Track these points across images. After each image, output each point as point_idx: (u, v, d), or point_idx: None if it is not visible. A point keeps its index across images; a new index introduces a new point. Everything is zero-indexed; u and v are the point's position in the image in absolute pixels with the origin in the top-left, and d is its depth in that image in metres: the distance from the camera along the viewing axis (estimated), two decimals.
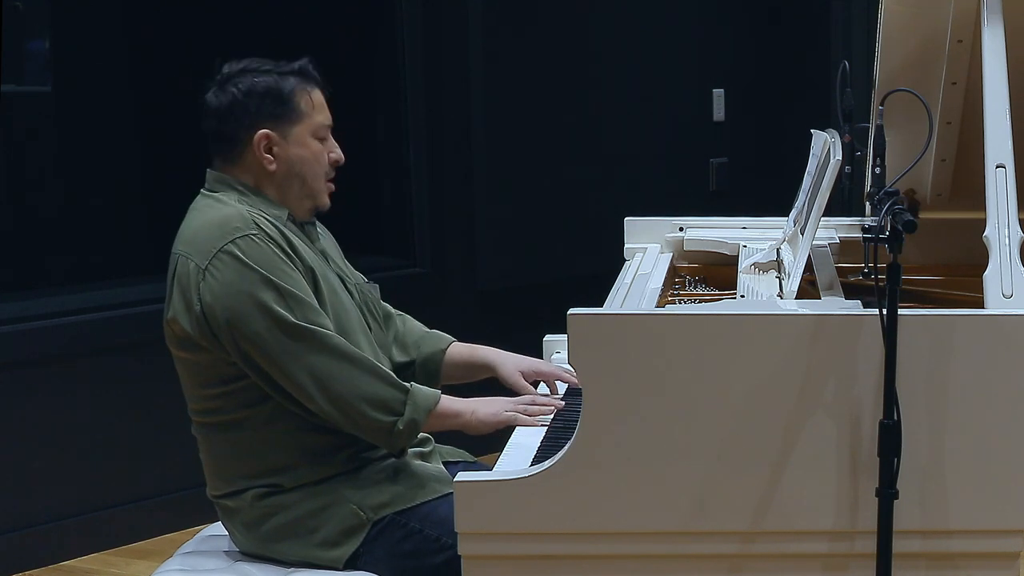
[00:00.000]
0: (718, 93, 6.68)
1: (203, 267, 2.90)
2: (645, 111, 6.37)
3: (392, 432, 2.90)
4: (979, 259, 2.76)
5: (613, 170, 6.26)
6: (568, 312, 2.59)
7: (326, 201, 3.08)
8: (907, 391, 2.56)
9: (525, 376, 3.22)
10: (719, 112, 6.69)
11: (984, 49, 2.93)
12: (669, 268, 3.54)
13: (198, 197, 3.07)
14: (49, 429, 4.77)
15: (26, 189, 5.16)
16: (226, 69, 3.04)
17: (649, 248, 3.74)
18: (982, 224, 2.75)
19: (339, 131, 3.11)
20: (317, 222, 3.17)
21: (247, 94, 3.00)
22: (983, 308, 2.68)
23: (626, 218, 3.82)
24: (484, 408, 3.00)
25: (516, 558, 2.67)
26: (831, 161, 2.91)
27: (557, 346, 3.54)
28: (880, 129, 2.94)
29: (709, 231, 3.77)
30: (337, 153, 3.07)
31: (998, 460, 2.61)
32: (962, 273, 3.35)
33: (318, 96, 3.05)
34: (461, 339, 3.33)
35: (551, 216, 6.00)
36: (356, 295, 3.14)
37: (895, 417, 2.51)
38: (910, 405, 2.56)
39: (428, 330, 3.33)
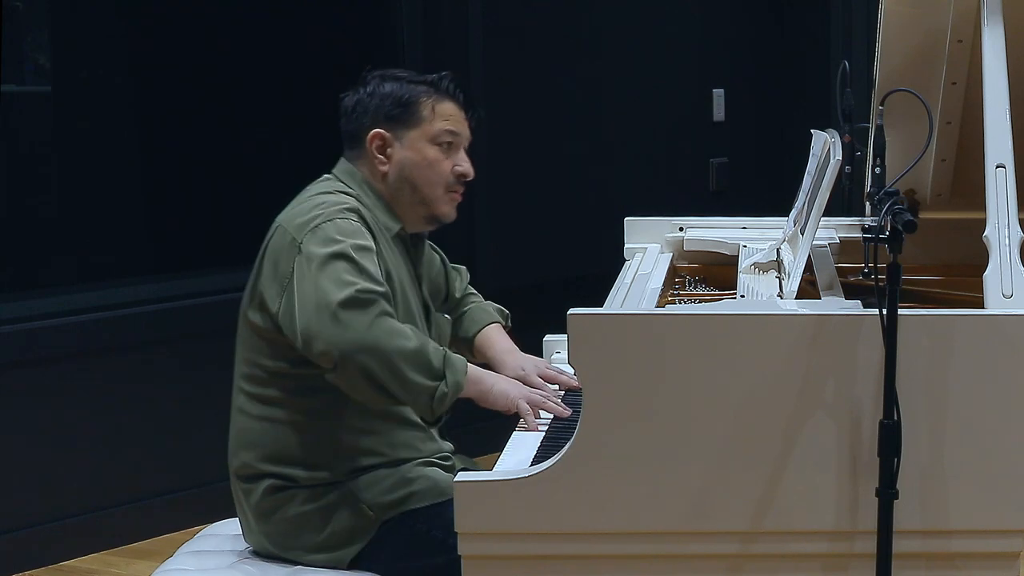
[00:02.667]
0: (718, 93, 6.68)
1: (299, 241, 2.91)
2: (645, 111, 6.37)
3: (435, 396, 2.87)
4: (979, 259, 2.76)
5: (613, 170, 6.26)
6: (568, 312, 2.59)
7: (445, 211, 3.10)
8: (907, 391, 2.56)
9: None
10: (719, 112, 6.69)
11: (984, 49, 2.93)
12: (669, 268, 3.54)
13: (324, 179, 3.09)
14: (49, 429, 4.77)
15: (26, 189, 5.16)
16: (369, 73, 3.09)
17: (649, 248, 3.74)
18: (982, 224, 2.75)
19: (338, 131, 3.11)
20: (431, 245, 3.21)
21: (371, 94, 3.06)
22: (983, 308, 2.68)
23: (626, 218, 3.82)
24: (502, 385, 2.98)
25: (516, 558, 2.67)
26: (831, 161, 2.91)
27: (557, 346, 3.54)
28: (880, 129, 2.94)
29: (709, 231, 3.77)
30: (464, 167, 3.08)
31: (998, 460, 2.62)
32: (962, 273, 3.35)
33: (446, 107, 3.06)
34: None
35: (551, 216, 6.00)
36: (433, 330, 3.15)
37: (895, 417, 2.51)
38: (910, 405, 2.56)
39: (476, 305, 3.38)
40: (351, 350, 2.81)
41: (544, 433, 2.95)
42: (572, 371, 2.83)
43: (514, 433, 2.97)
